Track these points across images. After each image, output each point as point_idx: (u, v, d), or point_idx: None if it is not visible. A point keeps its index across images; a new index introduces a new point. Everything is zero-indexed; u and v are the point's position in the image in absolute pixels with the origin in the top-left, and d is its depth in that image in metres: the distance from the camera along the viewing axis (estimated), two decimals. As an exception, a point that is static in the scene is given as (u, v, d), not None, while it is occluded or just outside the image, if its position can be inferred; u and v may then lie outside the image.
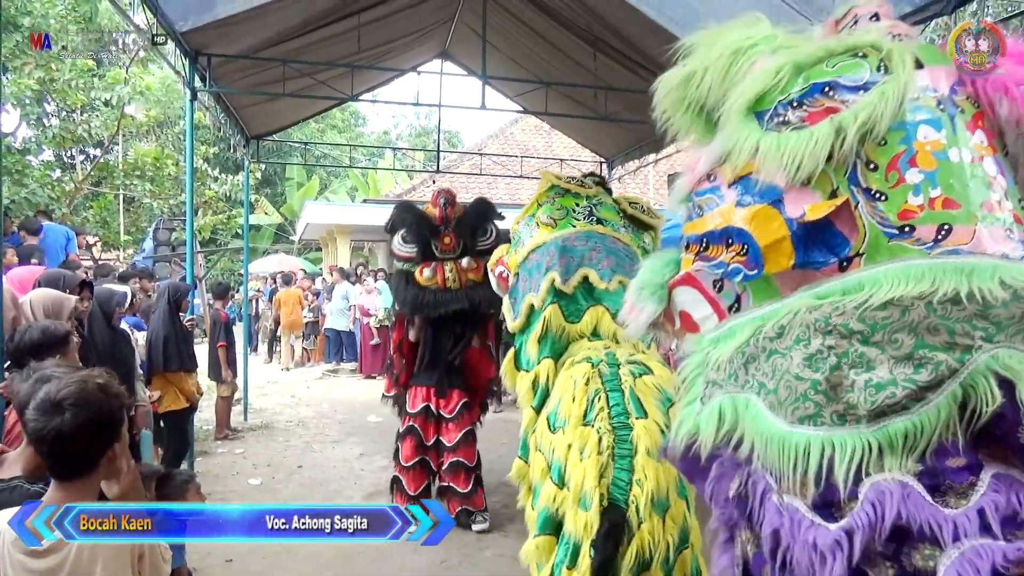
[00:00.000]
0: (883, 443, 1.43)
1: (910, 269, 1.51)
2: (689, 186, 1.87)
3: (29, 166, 12.34)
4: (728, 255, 1.70)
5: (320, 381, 13.17)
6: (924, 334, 1.45)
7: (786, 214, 1.63)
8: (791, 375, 1.53)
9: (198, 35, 6.28)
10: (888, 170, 1.60)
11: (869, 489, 1.43)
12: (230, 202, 17.50)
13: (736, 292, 1.77)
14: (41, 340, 3.03)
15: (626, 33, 7.20)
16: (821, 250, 1.61)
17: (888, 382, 1.44)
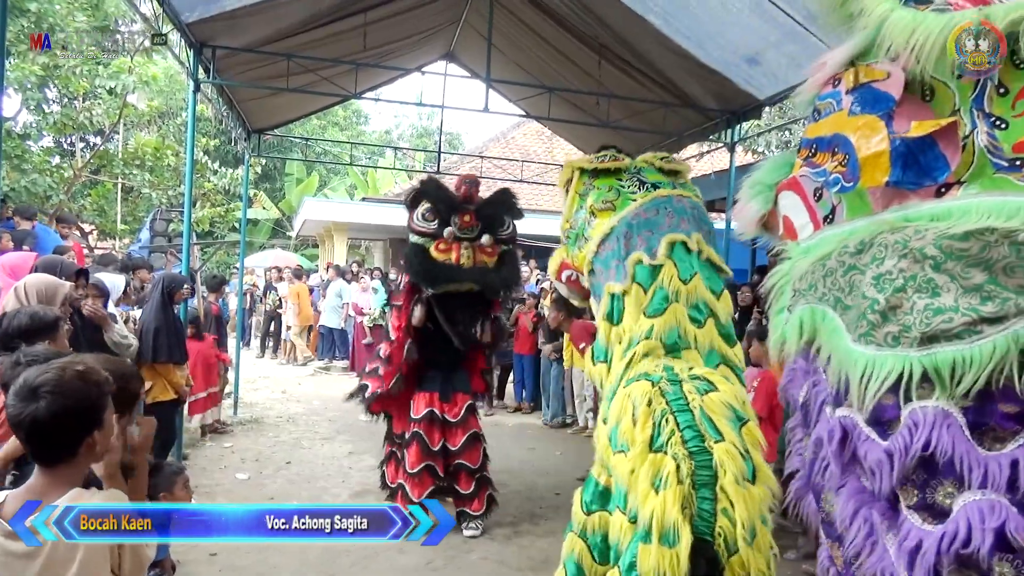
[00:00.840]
0: (928, 368, 1.38)
1: (1006, 204, 1.42)
2: (812, 88, 1.81)
3: (29, 151, 12.31)
4: (831, 164, 1.66)
5: (312, 378, 13.14)
6: (999, 273, 1.39)
7: (891, 128, 1.56)
8: (859, 292, 1.51)
9: (204, 27, 6.27)
10: (1018, 98, 1.49)
11: (908, 413, 1.42)
12: (228, 195, 17.46)
13: (832, 203, 1.70)
14: (29, 325, 3.00)
15: (632, 42, 7.21)
16: (920, 170, 1.53)
17: (949, 307, 1.39)
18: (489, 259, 5.21)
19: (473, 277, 5.13)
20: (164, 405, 5.88)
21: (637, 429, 2.66)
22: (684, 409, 2.65)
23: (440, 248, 5.10)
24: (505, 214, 5.39)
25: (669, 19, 6.47)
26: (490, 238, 5.20)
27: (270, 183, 28.28)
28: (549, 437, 8.92)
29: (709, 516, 2.43)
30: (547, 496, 6.41)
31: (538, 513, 5.97)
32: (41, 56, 11.05)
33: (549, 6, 7.46)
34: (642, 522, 2.48)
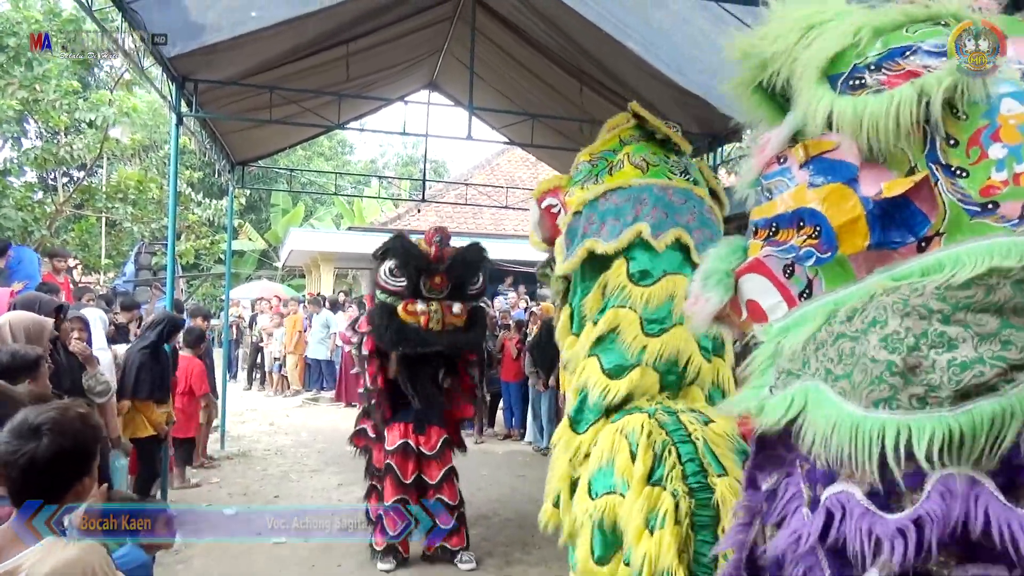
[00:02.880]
0: (966, 428, 1.31)
1: (994, 247, 1.41)
2: (758, 169, 1.79)
3: (10, 187, 12.23)
4: (799, 238, 1.63)
5: (300, 409, 13.03)
6: (1010, 315, 1.36)
7: (861, 192, 1.55)
8: (866, 358, 1.44)
9: (185, 60, 6.28)
10: (970, 145, 1.51)
11: (939, 481, 1.33)
12: (214, 227, 17.41)
13: (807, 277, 1.67)
14: (10, 363, 2.96)
15: (613, 68, 7.27)
16: (899, 229, 1.52)
17: (974, 360, 1.33)
18: (458, 320, 5.16)
19: (442, 342, 5.08)
20: (144, 442, 5.83)
21: (637, 463, 2.46)
22: (686, 440, 2.49)
23: (408, 310, 5.03)
24: (476, 270, 5.33)
25: (648, 46, 6.54)
26: (462, 307, 5.15)
27: (256, 214, 28.24)
28: (540, 464, 8.85)
29: (709, 562, 2.22)
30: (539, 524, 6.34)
31: (530, 542, 5.91)
32: (20, 91, 11.02)
33: (530, 35, 7.53)
34: (635, 566, 2.31)
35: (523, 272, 15.37)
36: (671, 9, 5.86)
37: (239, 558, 5.41)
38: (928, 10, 1.65)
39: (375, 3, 6.64)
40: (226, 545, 5.67)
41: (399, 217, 18.79)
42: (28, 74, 11.05)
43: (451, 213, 18.17)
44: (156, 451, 6.13)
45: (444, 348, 5.11)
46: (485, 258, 5.40)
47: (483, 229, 17.34)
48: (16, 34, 10.72)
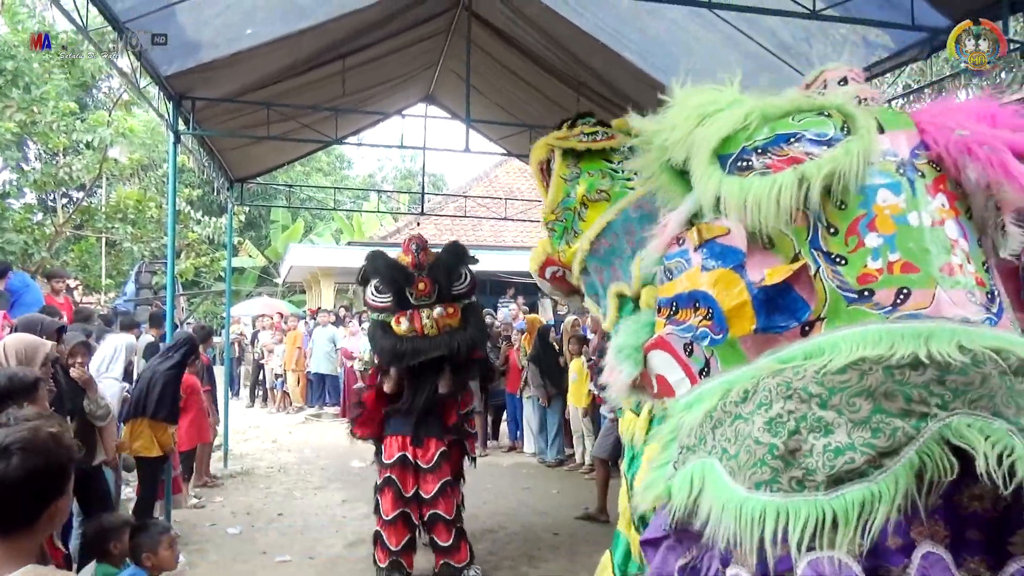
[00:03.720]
0: (838, 512, 1.37)
1: (868, 334, 1.51)
2: (660, 249, 1.88)
3: (9, 209, 12.24)
4: (696, 319, 1.70)
5: (303, 426, 12.99)
6: (881, 399, 1.44)
7: (747, 278, 1.64)
8: (751, 439, 1.49)
9: (182, 79, 6.29)
10: (848, 234, 1.62)
11: (809, 564, 1.38)
12: (213, 245, 17.42)
13: (705, 356, 1.76)
14: (8, 386, 2.93)
15: (609, 78, 7.28)
16: (783, 314, 1.62)
17: (847, 446, 1.40)
18: (452, 320, 5.13)
19: (440, 345, 5.05)
20: (150, 461, 5.78)
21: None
22: None
23: (400, 322, 5.04)
24: (457, 267, 5.30)
25: (645, 55, 6.55)
26: (442, 309, 5.10)
27: (255, 231, 28.27)
28: (545, 475, 8.81)
29: None
30: (545, 536, 6.30)
31: (536, 555, 5.86)
32: (18, 113, 11.05)
33: (525, 46, 7.54)
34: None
35: (523, 283, 15.36)
36: (666, 18, 5.87)
37: (243, 578, 5.37)
38: (813, 101, 1.79)
39: (369, 19, 6.65)
40: (230, 564, 5.63)
41: (398, 231, 18.79)
42: (26, 96, 11.08)
43: (450, 226, 18.17)
44: (160, 472, 6.09)
45: (444, 351, 5.07)
46: (464, 255, 5.40)
47: (483, 241, 17.34)
48: (13, 57, 10.76)
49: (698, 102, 1.91)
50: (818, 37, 5.50)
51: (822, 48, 5.60)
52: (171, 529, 3.76)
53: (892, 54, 5.31)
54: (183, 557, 5.24)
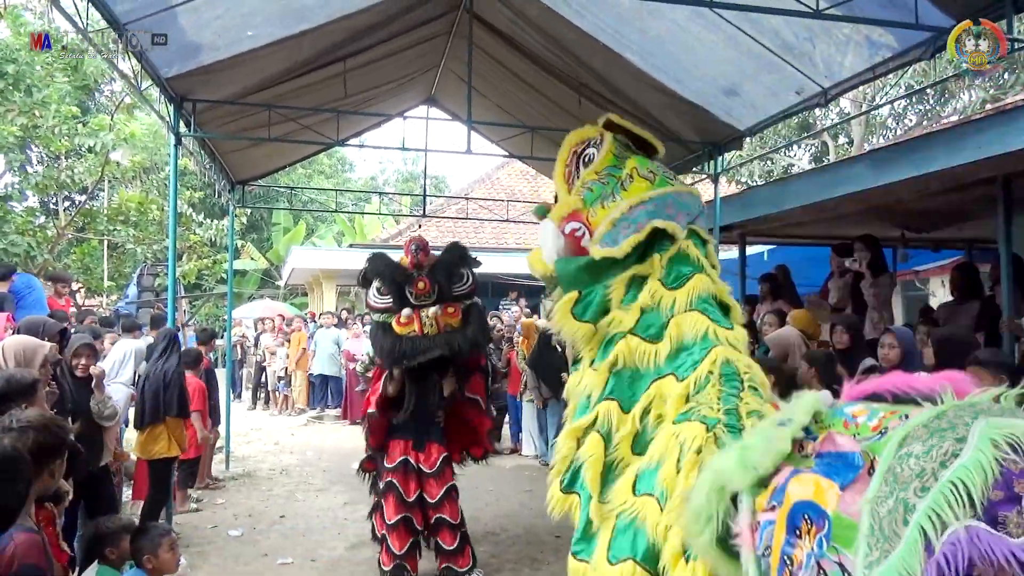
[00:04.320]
0: (964, 479, 1.56)
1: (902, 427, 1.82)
2: (751, 549, 2.12)
3: (11, 212, 12.25)
4: (806, 542, 1.93)
5: (305, 428, 12.98)
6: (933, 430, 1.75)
7: (804, 471, 2.03)
8: (883, 516, 1.69)
9: (183, 81, 6.28)
10: (845, 427, 2.05)
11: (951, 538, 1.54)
12: (215, 247, 17.42)
13: (835, 561, 1.86)
14: (6, 388, 2.93)
15: (610, 79, 7.27)
16: (845, 469, 1.92)
17: (931, 447, 1.69)
18: (453, 319, 5.11)
19: (440, 344, 5.03)
20: (164, 462, 5.80)
21: (680, 477, 2.40)
22: None
23: (401, 322, 5.02)
24: (458, 268, 5.30)
25: (646, 56, 6.53)
26: (438, 308, 5.08)
27: (257, 233, 28.29)
28: (546, 478, 8.76)
29: None
30: (547, 539, 6.28)
31: (539, 558, 5.84)
32: (20, 117, 11.06)
33: (527, 47, 7.53)
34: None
35: (525, 285, 15.34)
36: (668, 18, 5.84)
37: (245, 580, 5.35)
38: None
39: (369, 20, 6.64)
40: (232, 567, 5.61)
41: (400, 233, 18.78)
42: (28, 100, 11.09)
43: (452, 228, 18.16)
44: (170, 473, 6.10)
45: (444, 350, 5.04)
46: (466, 256, 5.39)
47: (485, 243, 17.33)
48: (15, 60, 10.79)
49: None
50: (821, 37, 5.47)
51: (825, 48, 5.58)
52: (172, 531, 3.74)
53: (896, 54, 5.28)
54: (184, 560, 5.24)
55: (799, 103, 6.43)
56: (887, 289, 6.52)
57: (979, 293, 6.14)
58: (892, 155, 5.55)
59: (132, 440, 6.06)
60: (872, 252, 6.48)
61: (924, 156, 5.12)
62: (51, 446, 2.24)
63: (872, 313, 6.44)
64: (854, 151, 18.58)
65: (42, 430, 2.21)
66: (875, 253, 6.52)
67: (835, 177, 6.12)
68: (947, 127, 5.40)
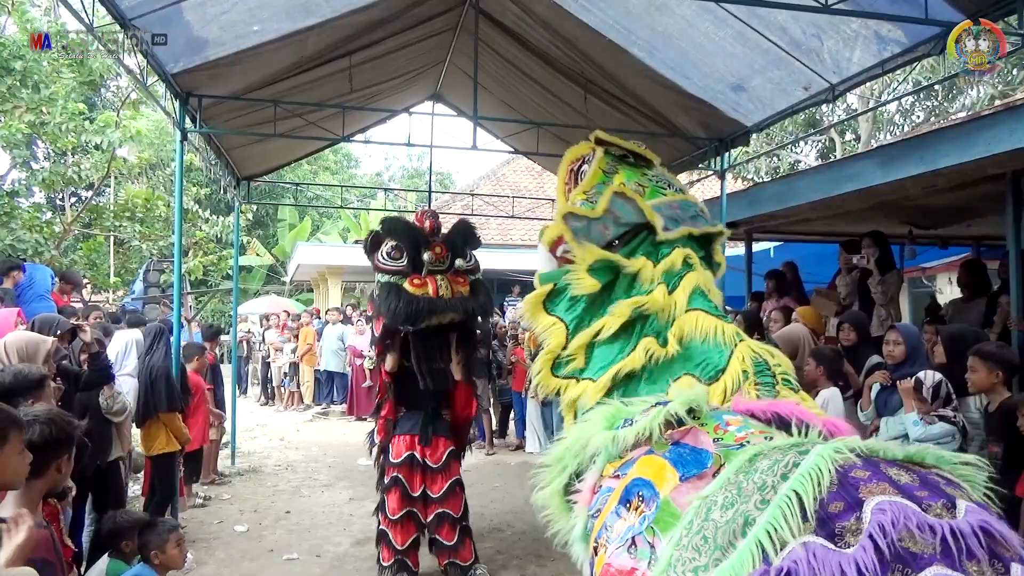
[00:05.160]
0: (798, 490, 1.60)
1: (760, 445, 1.94)
2: (584, 507, 2.33)
3: (18, 208, 12.27)
4: (631, 515, 2.04)
5: (310, 424, 12.99)
6: (784, 451, 1.82)
7: (656, 453, 2.15)
8: (721, 524, 1.73)
9: (188, 77, 6.28)
10: (715, 430, 2.17)
11: (787, 557, 1.55)
12: (221, 243, 17.44)
13: (649, 542, 1.96)
14: (13, 383, 2.93)
15: (617, 75, 7.24)
16: (693, 464, 2.04)
17: (775, 461, 1.75)
18: (464, 288, 5.11)
19: (455, 306, 4.99)
20: (167, 457, 5.81)
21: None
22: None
23: (415, 283, 4.96)
24: (470, 241, 5.32)
25: (653, 51, 6.50)
26: (462, 262, 5.15)
27: (263, 229, 28.32)
28: (552, 474, 8.76)
29: None
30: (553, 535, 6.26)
31: (544, 554, 5.83)
32: (27, 114, 11.07)
33: (533, 43, 7.50)
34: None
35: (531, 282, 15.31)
36: (675, 14, 5.82)
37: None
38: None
39: (375, 15, 6.62)
40: (238, 562, 5.62)
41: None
42: (35, 96, 11.10)
43: (458, 224, 18.14)
44: (175, 467, 6.11)
45: (457, 313, 5.01)
46: (476, 232, 5.44)
47: (490, 240, 17.29)
48: (23, 57, 10.78)
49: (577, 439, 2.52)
50: (829, 33, 5.44)
51: (833, 44, 5.55)
52: (179, 527, 3.75)
53: (905, 49, 5.25)
54: (191, 555, 5.26)
55: (807, 99, 6.40)
56: (894, 286, 6.48)
57: (987, 290, 6.11)
58: (900, 151, 5.52)
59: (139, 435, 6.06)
60: (880, 249, 6.45)
61: (933, 152, 5.08)
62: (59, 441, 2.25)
63: (879, 310, 6.41)
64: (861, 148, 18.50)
65: (50, 425, 2.22)
66: (883, 250, 6.48)
67: (842, 173, 6.08)
68: (956, 123, 5.36)
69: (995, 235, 8.07)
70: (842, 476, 1.60)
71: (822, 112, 18.12)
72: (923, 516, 1.47)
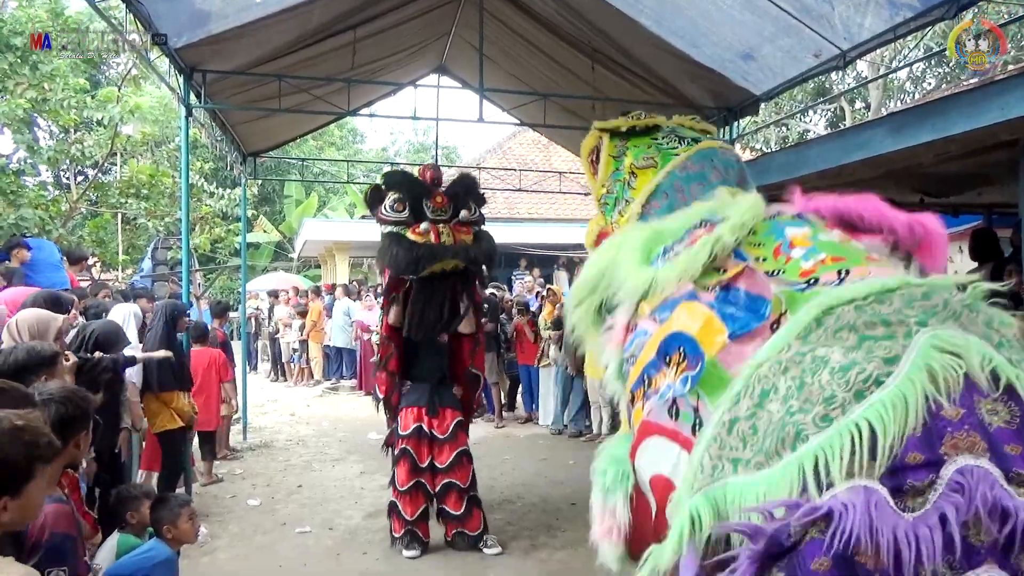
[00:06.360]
0: (873, 421, 1.35)
1: (831, 293, 1.67)
2: (617, 348, 2.10)
3: (24, 187, 12.28)
4: (672, 372, 1.83)
5: (320, 399, 13.07)
6: (863, 329, 1.53)
7: (702, 299, 1.88)
8: (775, 422, 1.50)
9: (192, 51, 6.22)
10: (776, 255, 1.90)
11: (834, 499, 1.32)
12: (227, 219, 17.42)
13: (692, 406, 1.79)
14: (27, 360, 2.94)
15: (624, 45, 7.15)
16: (747, 314, 1.79)
17: (851, 363, 1.46)
18: (467, 237, 5.15)
19: (456, 253, 5.03)
20: (171, 434, 5.82)
21: None
22: None
23: (418, 231, 5.01)
24: (469, 197, 5.32)
25: (661, 20, 6.41)
26: (467, 213, 5.17)
27: (270, 206, 28.29)
28: (561, 447, 8.82)
29: None
30: (563, 507, 6.31)
31: (555, 525, 5.88)
32: (29, 91, 11.03)
33: (539, 13, 7.40)
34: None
35: (538, 255, 15.30)
36: (683, -19, 5.73)
37: (264, 549, 5.42)
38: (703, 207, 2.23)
39: (380, -13, 6.55)
40: (251, 536, 5.68)
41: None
42: (36, 73, 11.05)
43: (464, 198, 18.09)
44: (182, 443, 6.13)
45: (461, 258, 5.06)
46: (475, 184, 5.51)
47: (496, 213, 17.20)
48: (23, 33, 10.74)
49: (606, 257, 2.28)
50: (840, -2, 5.35)
51: (844, 10, 5.46)
52: (191, 502, 3.77)
53: (917, 14, 5.15)
54: (204, 529, 5.31)
55: (817, 66, 6.31)
56: (905, 255, 6.44)
57: (996, 257, 6.05)
58: (911, 118, 5.44)
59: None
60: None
61: (944, 119, 5.00)
62: (75, 418, 2.26)
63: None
64: (871, 116, 18.31)
65: (65, 402, 2.23)
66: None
67: (852, 141, 6.00)
68: (969, 88, 5.28)
69: (1006, 203, 7.98)
70: (931, 415, 1.34)
71: (832, 81, 17.89)
72: (1000, 496, 1.24)
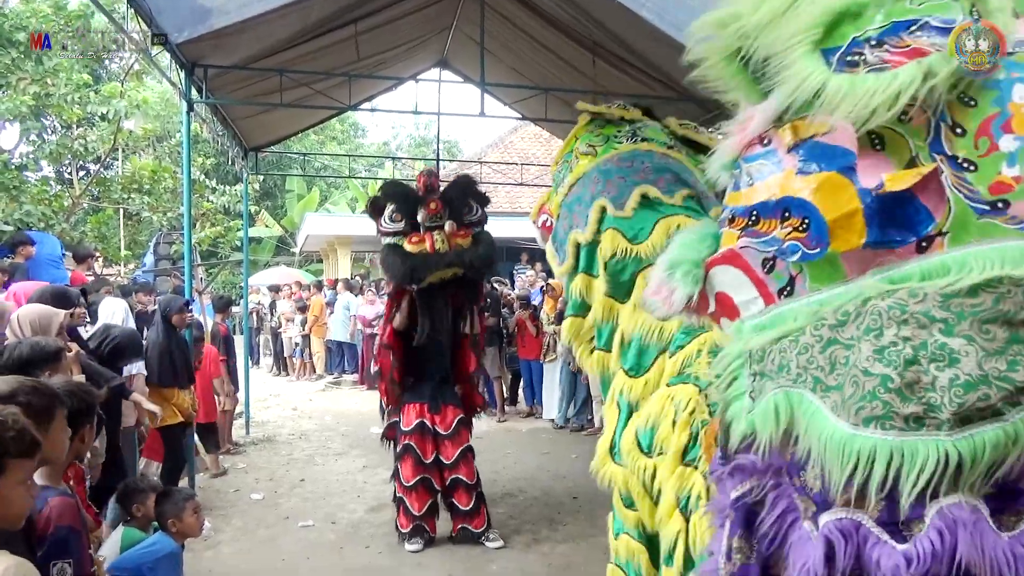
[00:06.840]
0: (965, 454, 1.19)
1: (1006, 251, 1.26)
2: (737, 149, 1.58)
3: (27, 182, 12.29)
4: (783, 230, 1.44)
5: (322, 393, 13.09)
6: (1021, 327, 1.22)
7: (859, 184, 1.36)
8: (858, 369, 1.29)
9: (193, 46, 6.22)
10: (978, 136, 1.34)
11: (936, 514, 1.22)
12: (229, 214, 17.43)
13: (790, 273, 1.49)
14: (31, 356, 2.96)
15: (626, 38, 7.14)
16: (900, 228, 1.36)
17: (979, 380, 1.20)
18: (463, 241, 5.17)
19: (452, 260, 5.08)
20: (172, 429, 5.83)
21: (675, 434, 2.40)
22: None
23: (413, 241, 5.07)
24: (468, 198, 5.36)
25: (663, 13, 6.38)
26: (452, 224, 5.13)
27: (271, 200, 28.30)
28: (563, 440, 8.84)
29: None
30: (565, 501, 6.33)
31: (556, 519, 5.89)
32: (32, 86, 11.04)
33: (540, 7, 7.39)
34: (665, 543, 2.33)
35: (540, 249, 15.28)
36: (685, -26, 5.71)
37: (267, 543, 5.44)
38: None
39: (381, -20, 6.54)
40: (254, 529, 5.70)
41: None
42: (39, 68, 11.05)
43: (466, 192, 18.10)
44: (183, 438, 6.15)
45: (456, 265, 5.10)
46: (474, 184, 5.59)
47: (498, 207, 17.19)
48: (26, 28, 10.74)
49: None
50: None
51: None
52: (195, 496, 3.79)
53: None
54: (208, 523, 5.32)
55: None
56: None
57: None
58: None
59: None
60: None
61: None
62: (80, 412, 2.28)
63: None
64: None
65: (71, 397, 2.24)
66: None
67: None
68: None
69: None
70: None
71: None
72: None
